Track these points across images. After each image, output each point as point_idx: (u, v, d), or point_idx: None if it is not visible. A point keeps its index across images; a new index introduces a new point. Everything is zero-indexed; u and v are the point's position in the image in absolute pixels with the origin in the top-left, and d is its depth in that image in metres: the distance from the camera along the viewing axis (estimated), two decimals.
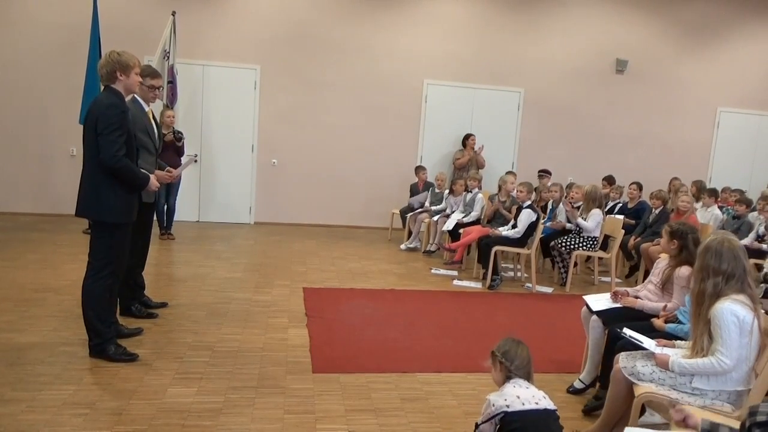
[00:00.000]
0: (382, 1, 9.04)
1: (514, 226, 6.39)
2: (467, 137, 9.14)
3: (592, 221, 6.36)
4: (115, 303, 4.00)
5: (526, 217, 6.24)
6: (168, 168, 4.46)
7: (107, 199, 3.55)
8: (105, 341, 3.68)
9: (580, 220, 6.42)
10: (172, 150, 7.07)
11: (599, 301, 3.72)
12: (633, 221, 7.24)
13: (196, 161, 4.95)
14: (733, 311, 2.59)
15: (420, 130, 9.43)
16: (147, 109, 4.34)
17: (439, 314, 5.18)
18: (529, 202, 6.41)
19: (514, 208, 6.72)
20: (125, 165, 3.52)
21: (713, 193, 7.48)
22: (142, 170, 3.77)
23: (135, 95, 4.29)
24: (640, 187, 7.74)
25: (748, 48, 10.09)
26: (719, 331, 2.61)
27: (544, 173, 8.73)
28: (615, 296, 3.72)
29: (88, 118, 3.56)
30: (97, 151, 3.47)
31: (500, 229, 6.59)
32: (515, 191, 6.86)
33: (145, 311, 4.55)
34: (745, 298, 2.65)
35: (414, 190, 8.61)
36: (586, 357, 3.82)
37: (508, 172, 8.22)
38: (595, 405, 3.44)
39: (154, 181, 3.78)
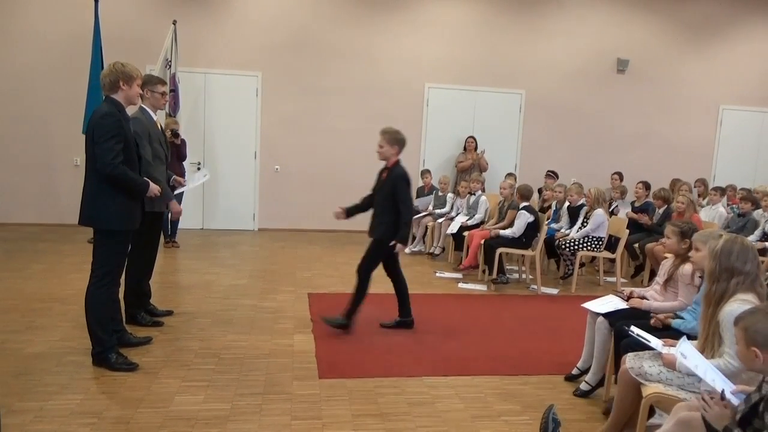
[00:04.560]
0: (383, 5, 9.06)
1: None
2: (467, 140, 9.16)
3: (594, 222, 6.34)
4: (118, 311, 4.02)
5: (523, 218, 6.29)
6: (175, 177, 4.54)
7: (107, 207, 3.58)
8: (106, 349, 3.69)
9: (582, 232, 6.39)
10: (174, 155, 7.09)
11: (602, 305, 3.70)
12: (645, 216, 7.15)
13: (206, 176, 5.04)
14: None
15: (422, 134, 9.44)
16: (155, 118, 4.40)
17: (444, 317, 5.17)
18: (526, 204, 6.42)
19: (513, 212, 6.68)
20: (122, 172, 3.54)
21: (721, 191, 7.43)
22: (142, 177, 3.78)
23: (143, 105, 4.35)
24: (646, 186, 7.71)
25: (748, 45, 10.07)
26: (728, 333, 2.59)
27: (551, 174, 8.70)
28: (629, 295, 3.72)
29: (87, 128, 3.62)
30: (96, 160, 3.52)
31: (502, 231, 6.57)
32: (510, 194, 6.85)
33: (150, 319, 4.55)
34: (753, 297, 2.64)
35: (420, 194, 8.61)
36: (582, 354, 3.87)
37: (508, 175, 8.24)
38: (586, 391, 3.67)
39: (154, 188, 3.79)
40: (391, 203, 4.54)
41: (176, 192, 4.70)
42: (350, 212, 4.82)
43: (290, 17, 8.87)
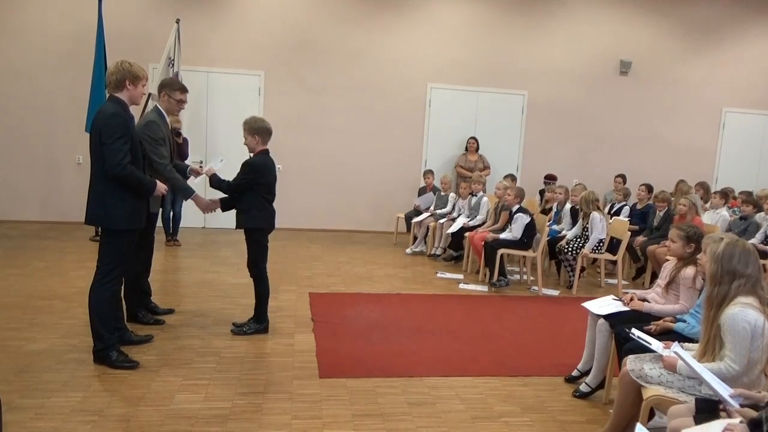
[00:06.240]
0: (385, 5, 9.06)
1: (503, 229, 6.56)
2: (469, 140, 9.18)
3: (596, 228, 6.28)
4: (120, 309, 4.04)
5: (520, 221, 6.30)
6: (191, 167, 4.60)
7: (115, 206, 3.59)
8: (107, 347, 3.70)
9: (592, 241, 6.32)
10: (175, 154, 7.10)
11: (602, 306, 3.70)
12: (636, 227, 7.16)
13: (222, 160, 5.06)
14: (745, 318, 2.58)
15: (424, 134, 9.44)
16: (168, 120, 4.44)
17: (445, 318, 5.17)
18: (518, 206, 6.42)
19: (505, 213, 6.67)
20: (131, 172, 3.56)
21: (723, 194, 7.42)
22: (148, 176, 3.81)
23: (158, 107, 4.38)
24: (649, 188, 7.70)
25: (751, 48, 10.05)
26: (729, 337, 2.60)
27: (548, 181, 8.69)
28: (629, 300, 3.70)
29: (93, 127, 3.61)
30: (103, 160, 3.51)
31: (502, 236, 6.56)
32: (505, 195, 6.82)
33: (151, 318, 4.57)
34: (754, 300, 2.64)
35: (422, 194, 8.60)
36: (583, 355, 3.88)
37: (506, 176, 8.23)
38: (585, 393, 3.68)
39: (161, 186, 3.81)
40: (247, 191, 4.44)
41: (196, 180, 4.73)
42: (225, 203, 4.60)
43: (293, 17, 8.88)
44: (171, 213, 7.60)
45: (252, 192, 4.42)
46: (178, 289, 5.62)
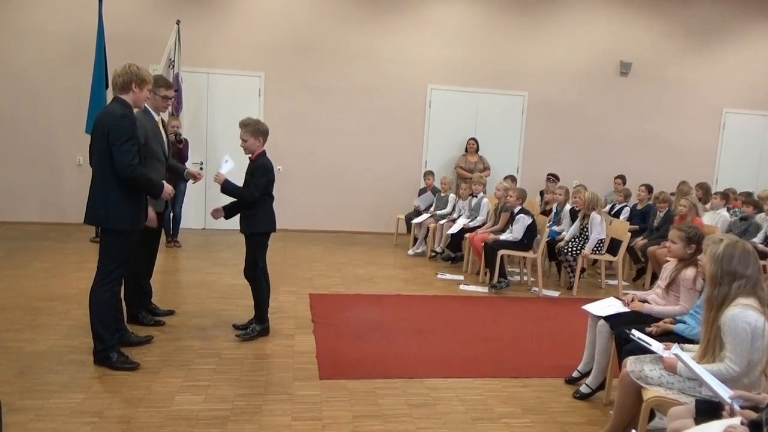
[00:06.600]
0: (386, 6, 9.07)
1: (504, 230, 6.56)
2: (469, 141, 9.19)
3: (595, 230, 6.28)
4: (121, 310, 4.04)
5: (522, 221, 6.30)
6: (188, 171, 4.60)
7: (117, 207, 3.60)
8: (108, 348, 3.71)
9: (591, 241, 6.32)
10: (175, 156, 7.10)
11: (603, 308, 3.70)
12: (637, 227, 7.17)
13: (227, 161, 5.05)
14: (745, 319, 2.58)
15: (424, 135, 9.44)
16: (157, 118, 4.42)
17: (445, 319, 5.17)
18: (520, 207, 6.41)
19: (505, 214, 6.66)
20: (141, 174, 3.58)
21: (724, 195, 7.42)
22: (156, 178, 3.82)
23: (146, 105, 4.37)
24: (649, 189, 7.70)
25: (752, 48, 10.05)
26: (729, 338, 2.60)
27: (552, 177, 8.70)
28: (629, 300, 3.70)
29: (97, 127, 3.61)
30: (109, 161, 3.53)
31: (503, 236, 6.56)
32: (507, 196, 6.80)
33: (152, 319, 4.57)
34: (754, 301, 2.64)
35: (422, 194, 8.60)
36: (583, 356, 3.88)
37: (505, 177, 8.24)
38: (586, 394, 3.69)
39: (168, 188, 3.82)
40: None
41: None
42: (229, 210, 4.63)
43: (294, 18, 8.88)
44: (171, 214, 7.59)
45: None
46: (179, 290, 5.63)
